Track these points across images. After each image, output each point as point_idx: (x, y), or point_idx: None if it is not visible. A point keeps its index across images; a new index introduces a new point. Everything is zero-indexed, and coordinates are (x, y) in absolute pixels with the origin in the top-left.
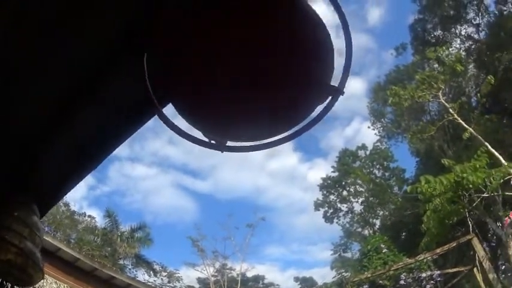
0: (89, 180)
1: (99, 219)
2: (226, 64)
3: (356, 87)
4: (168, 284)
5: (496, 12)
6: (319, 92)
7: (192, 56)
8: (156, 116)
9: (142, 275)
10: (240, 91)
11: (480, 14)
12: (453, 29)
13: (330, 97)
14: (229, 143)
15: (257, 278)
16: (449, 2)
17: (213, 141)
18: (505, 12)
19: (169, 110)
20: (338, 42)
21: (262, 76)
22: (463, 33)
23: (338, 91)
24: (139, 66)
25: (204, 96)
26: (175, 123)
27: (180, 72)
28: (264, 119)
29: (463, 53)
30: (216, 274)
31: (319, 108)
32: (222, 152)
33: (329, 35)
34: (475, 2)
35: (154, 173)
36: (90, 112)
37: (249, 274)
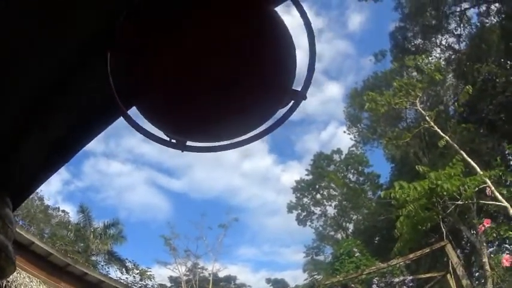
0: (63, 175)
1: (72, 214)
2: (188, 65)
3: (333, 92)
4: (140, 282)
5: (478, 24)
6: (281, 96)
7: (153, 56)
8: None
9: (114, 272)
10: (201, 92)
11: (462, 25)
12: (434, 39)
13: (292, 101)
14: (189, 143)
15: (229, 279)
16: (432, 11)
17: (173, 141)
18: (487, 25)
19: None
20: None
21: (223, 78)
22: (443, 43)
23: (300, 96)
24: (105, 66)
25: (165, 96)
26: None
27: (141, 72)
28: (224, 121)
29: (443, 63)
30: (187, 273)
31: (281, 112)
32: (182, 151)
33: (292, 40)
34: (458, 13)
35: (129, 170)
36: (62, 110)
37: (221, 274)
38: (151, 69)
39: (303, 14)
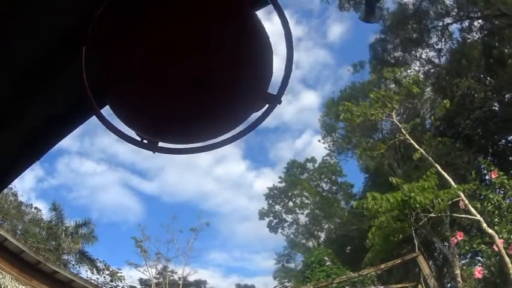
0: (37, 171)
1: (45, 212)
2: (161, 65)
3: (310, 100)
4: (111, 283)
5: (460, 40)
6: (255, 99)
7: (126, 54)
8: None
9: (85, 272)
10: (174, 93)
11: (443, 40)
12: (414, 52)
13: (267, 105)
14: (161, 144)
15: (199, 283)
16: (414, 25)
17: (145, 141)
18: (468, 40)
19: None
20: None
21: (196, 79)
22: (423, 56)
23: (275, 99)
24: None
25: (137, 95)
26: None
27: (114, 70)
28: (196, 123)
29: (422, 76)
30: (158, 276)
31: (255, 116)
32: (154, 152)
33: (270, 44)
34: (440, 28)
35: (103, 170)
36: (35, 106)
37: (191, 278)
38: (124, 68)
39: (282, 17)
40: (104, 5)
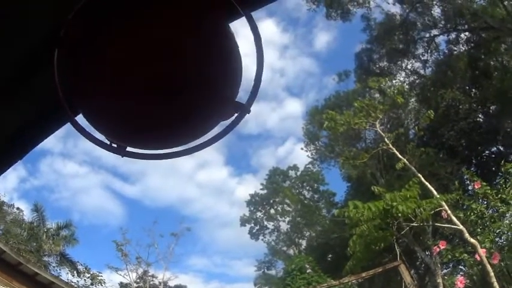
0: (20, 172)
1: (27, 212)
2: (130, 71)
3: (294, 108)
4: (91, 286)
5: (446, 51)
6: (223, 108)
7: (96, 58)
8: None
9: (66, 274)
10: (143, 99)
11: (429, 51)
12: (399, 62)
13: (236, 114)
14: (130, 149)
15: None
16: (400, 36)
17: (114, 145)
18: (455, 52)
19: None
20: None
21: (166, 85)
22: (409, 67)
23: (244, 108)
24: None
25: (105, 99)
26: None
27: (84, 73)
28: (164, 129)
29: (407, 87)
30: (138, 280)
31: (225, 124)
32: (122, 156)
33: (239, 53)
34: (426, 39)
35: (85, 172)
36: (12, 110)
37: (172, 283)
38: (92, 71)
39: (254, 29)
40: (76, 8)
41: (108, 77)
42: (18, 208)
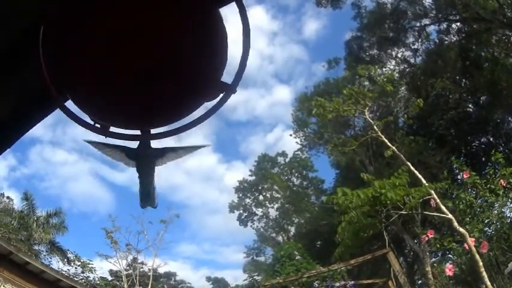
0: (10, 160)
1: (17, 201)
2: (115, 53)
3: (282, 95)
4: (82, 274)
5: (437, 41)
6: (208, 88)
7: (81, 40)
8: None
9: (56, 263)
10: (124, 80)
11: (420, 40)
12: (390, 51)
13: (222, 94)
14: (113, 129)
15: (169, 275)
16: (391, 24)
17: (97, 125)
18: (446, 42)
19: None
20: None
21: (149, 65)
22: (399, 55)
23: (230, 89)
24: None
25: (89, 79)
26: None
27: (69, 53)
28: (148, 110)
29: (397, 75)
30: (128, 268)
31: (210, 105)
32: (106, 137)
33: (226, 33)
34: (417, 28)
35: (74, 159)
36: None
37: (161, 270)
38: (77, 53)
39: (243, 12)
40: None
41: (92, 58)
42: (8, 197)
